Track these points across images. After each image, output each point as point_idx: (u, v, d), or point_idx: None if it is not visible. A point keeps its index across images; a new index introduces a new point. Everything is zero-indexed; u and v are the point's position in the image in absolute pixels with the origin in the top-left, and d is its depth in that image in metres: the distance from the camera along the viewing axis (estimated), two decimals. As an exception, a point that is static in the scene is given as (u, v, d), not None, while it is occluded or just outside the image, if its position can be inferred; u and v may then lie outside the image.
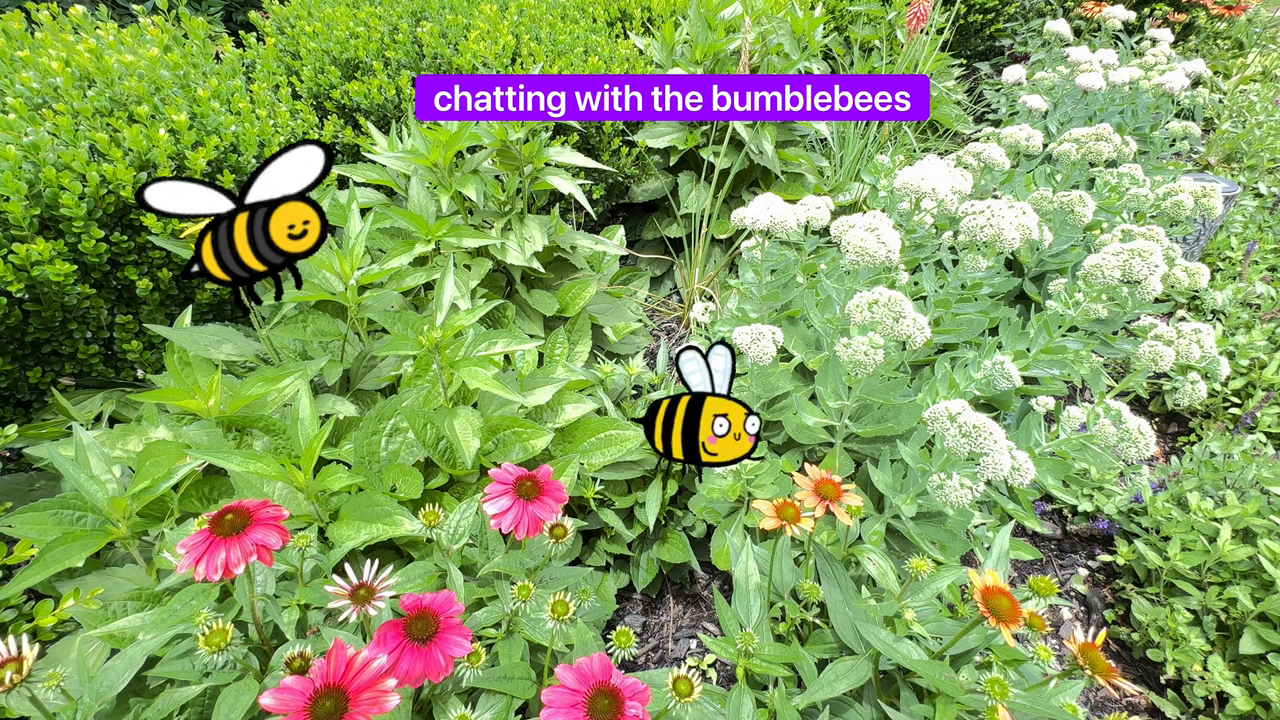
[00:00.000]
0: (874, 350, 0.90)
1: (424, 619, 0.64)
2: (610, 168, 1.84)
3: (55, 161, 1.11)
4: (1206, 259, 2.28)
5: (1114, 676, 0.67)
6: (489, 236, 1.41)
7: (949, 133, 2.75)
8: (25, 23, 1.41)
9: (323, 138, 1.55)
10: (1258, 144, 2.80)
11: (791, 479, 0.85)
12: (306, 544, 0.79)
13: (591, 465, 1.23)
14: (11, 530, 0.90)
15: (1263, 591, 1.22)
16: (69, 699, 0.67)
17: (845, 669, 0.82)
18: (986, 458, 0.82)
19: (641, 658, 1.32)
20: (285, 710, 0.54)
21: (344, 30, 1.81)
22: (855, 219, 1.10)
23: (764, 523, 0.74)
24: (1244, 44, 3.83)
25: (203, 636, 0.65)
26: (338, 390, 1.28)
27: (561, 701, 0.58)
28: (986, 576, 0.71)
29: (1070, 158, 1.47)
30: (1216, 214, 1.41)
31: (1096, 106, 1.92)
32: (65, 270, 1.10)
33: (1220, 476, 1.43)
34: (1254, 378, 1.77)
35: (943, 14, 2.81)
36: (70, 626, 0.94)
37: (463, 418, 1.06)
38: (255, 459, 0.89)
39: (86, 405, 1.28)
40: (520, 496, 0.75)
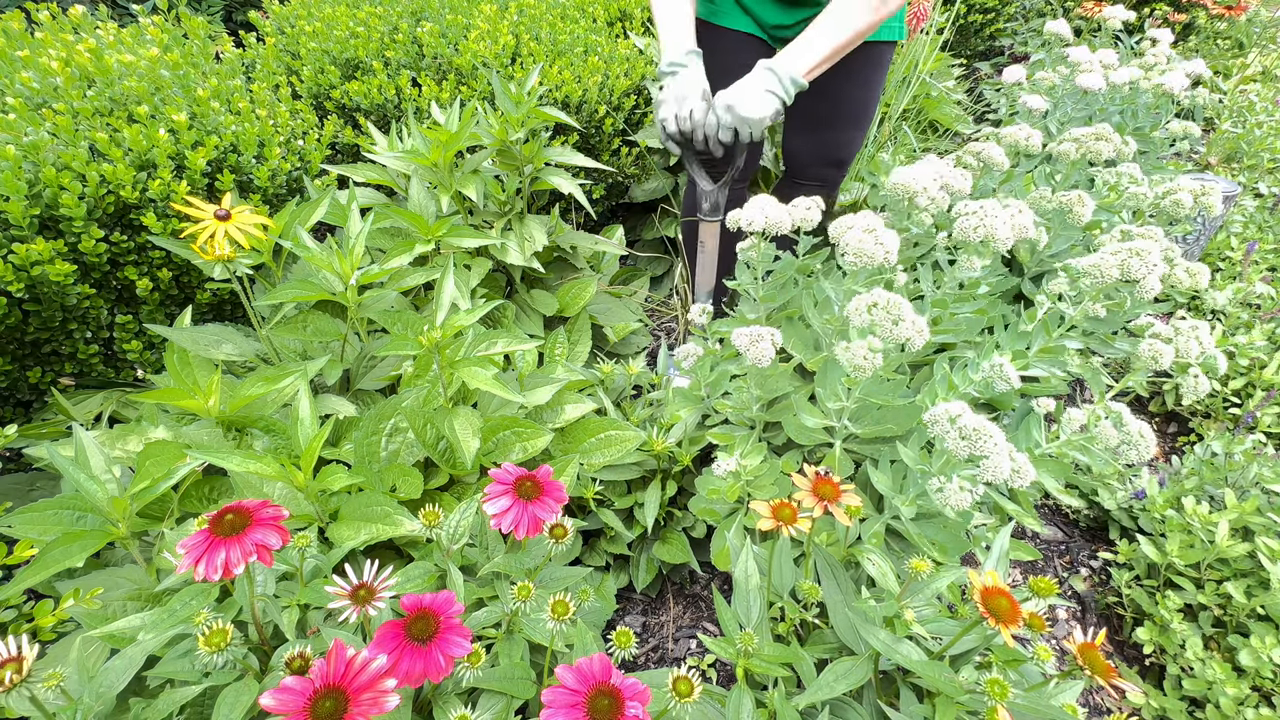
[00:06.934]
0: (873, 354, 0.90)
1: (424, 619, 0.64)
2: (610, 168, 1.84)
3: (55, 161, 1.11)
4: (1206, 259, 2.28)
5: (1114, 676, 0.67)
6: (489, 236, 1.41)
7: (949, 132, 2.75)
8: (25, 22, 1.41)
9: (323, 138, 1.55)
10: (1258, 144, 2.80)
11: (791, 480, 0.85)
12: (306, 544, 0.79)
13: (591, 465, 1.23)
14: (11, 530, 0.90)
15: (1260, 589, 1.22)
16: (69, 699, 0.67)
17: (845, 669, 0.82)
18: (987, 460, 0.82)
19: (641, 658, 1.32)
20: (285, 710, 0.54)
21: (344, 30, 1.81)
22: (853, 219, 1.10)
23: (761, 524, 0.74)
24: (1244, 44, 3.83)
25: (202, 637, 0.65)
26: (338, 390, 1.28)
27: (561, 701, 0.59)
28: (986, 577, 0.71)
29: (1069, 157, 1.47)
30: (1215, 213, 1.41)
31: (1096, 106, 1.91)
32: (65, 270, 1.10)
33: (1220, 476, 1.43)
34: (1254, 378, 1.77)
35: (943, 14, 2.80)
36: (70, 626, 0.94)
37: (463, 418, 1.06)
38: (255, 459, 0.89)
39: (86, 405, 1.28)
40: (520, 496, 0.75)
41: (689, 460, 1.29)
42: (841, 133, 1.52)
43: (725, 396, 1.28)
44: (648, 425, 1.35)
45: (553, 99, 1.75)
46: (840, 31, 1.20)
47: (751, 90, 1.21)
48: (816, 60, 1.21)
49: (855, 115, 1.50)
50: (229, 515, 0.64)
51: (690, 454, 1.29)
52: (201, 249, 1.00)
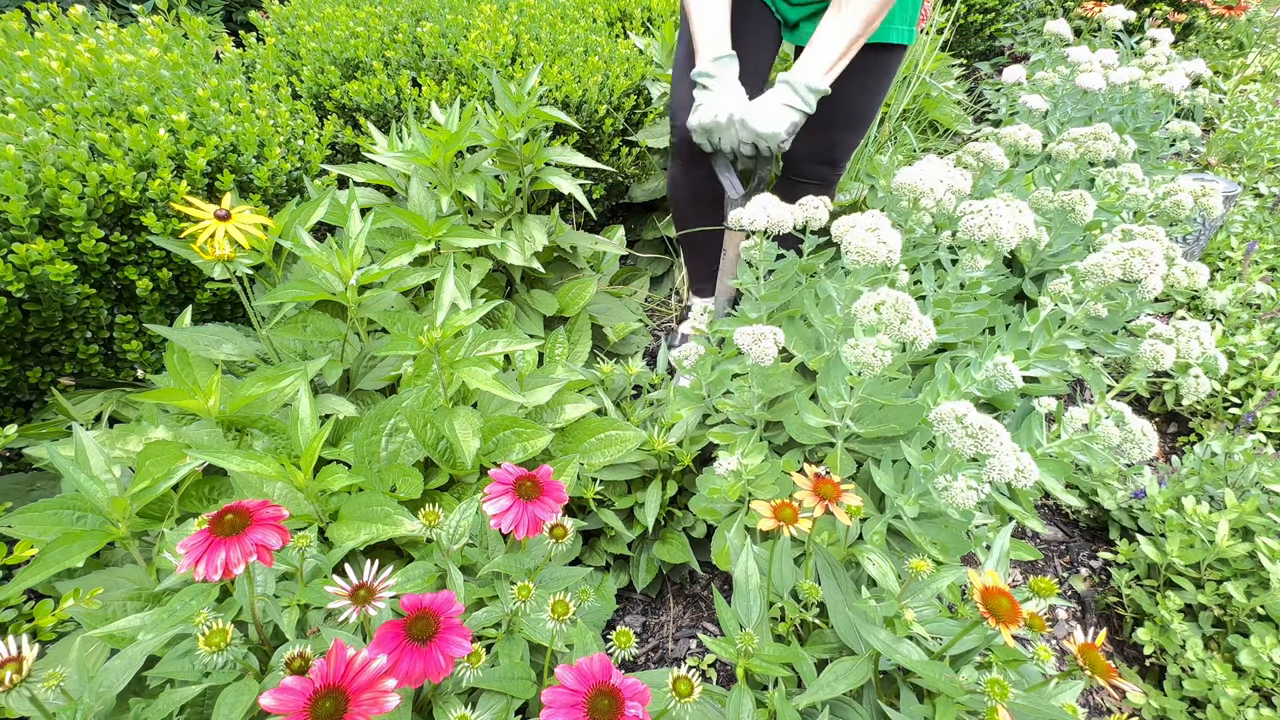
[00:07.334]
0: (882, 352, 0.90)
1: (424, 619, 0.64)
2: (610, 168, 1.84)
3: (55, 161, 1.11)
4: (1206, 259, 2.28)
5: (1114, 677, 0.66)
6: (489, 236, 1.41)
7: (949, 132, 2.75)
8: (25, 22, 1.41)
9: (323, 138, 1.55)
10: (1258, 144, 2.80)
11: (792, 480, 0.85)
12: (306, 544, 0.79)
13: (591, 465, 1.23)
14: (11, 530, 0.90)
15: (1260, 589, 1.22)
16: (69, 699, 0.67)
17: (845, 669, 0.82)
18: (992, 459, 0.82)
19: (641, 658, 1.32)
20: (285, 710, 0.54)
21: (344, 30, 1.81)
22: (856, 219, 1.10)
23: (761, 524, 0.74)
24: (1244, 44, 3.83)
25: (202, 637, 0.65)
26: (338, 390, 1.28)
27: (561, 701, 0.58)
28: (986, 577, 0.71)
29: (1069, 157, 1.47)
30: (1216, 214, 1.41)
31: (1096, 107, 1.92)
32: (65, 270, 1.10)
33: (1220, 476, 1.43)
34: (1254, 378, 1.77)
35: (943, 14, 2.80)
36: (70, 626, 0.94)
37: (463, 418, 1.06)
38: (255, 459, 0.89)
39: (86, 405, 1.28)
40: (520, 496, 0.75)
41: (689, 460, 1.29)
42: (837, 133, 1.51)
43: (726, 396, 1.27)
44: (648, 425, 1.35)
45: (553, 99, 1.75)
46: (850, 23, 1.20)
47: (765, 107, 1.24)
48: (831, 60, 1.23)
49: (853, 117, 1.49)
50: (229, 515, 0.64)
51: (691, 453, 1.29)
52: (201, 249, 1.00)
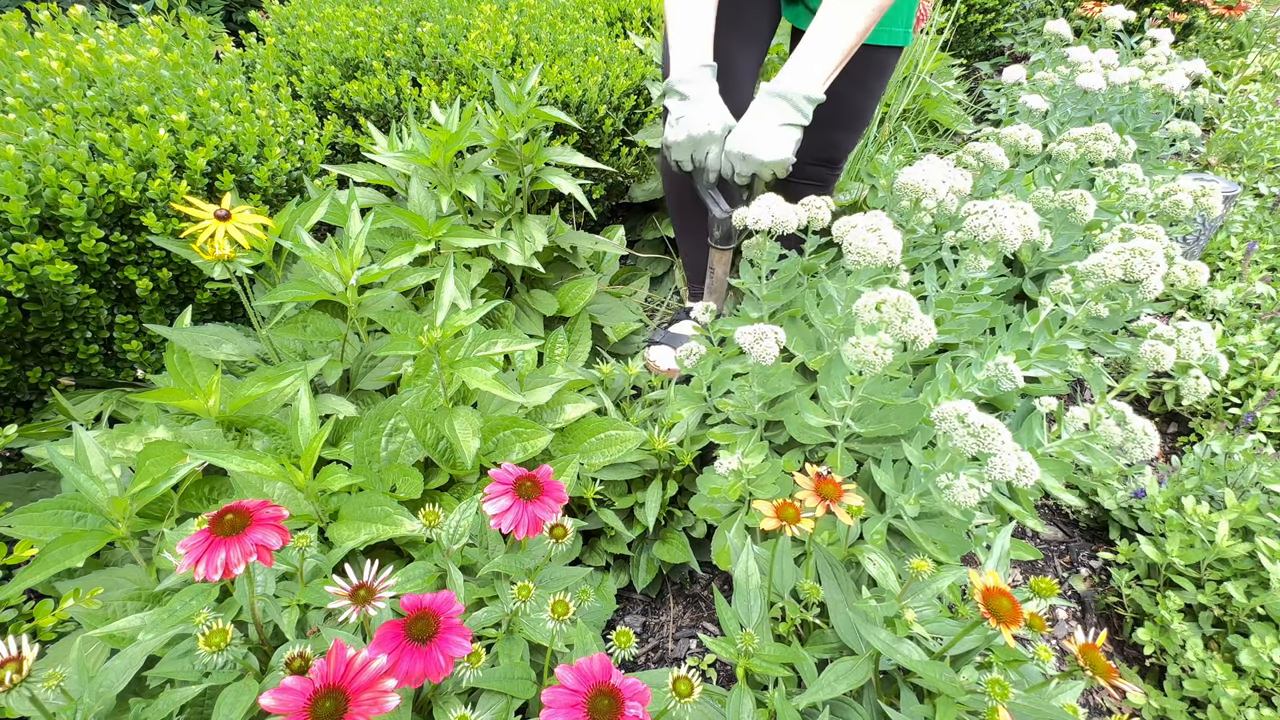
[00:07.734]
0: (883, 350, 0.90)
1: (424, 619, 0.64)
2: (610, 168, 1.84)
3: (55, 161, 1.11)
4: (1206, 259, 2.28)
5: (1114, 677, 0.66)
6: (489, 236, 1.41)
7: (949, 132, 2.75)
8: (25, 22, 1.40)
9: (323, 138, 1.55)
10: (1258, 144, 2.80)
11: (793, 479, 0.85)
12: (306, 544, 0.79)
13: (591, 465, 1.23)
14: (11, 530, 0.90)
15: (1260, 589, 1.22)
16: (69, 699, 0.66)
17: (845, 669, 0.82)
18: (994, 458, 0.82)
19: (641, 658, 1.32)
20: (285, 710, 0.54)
21: (344, 30, 1.81)
22: (857, 219, 1.10)
23: (764, 523, 0.74)
24: (1244, 44, 3.83)
25: (202, 637, 0.65)
26: (338, 390, 1.28)
27: (561, 701, 0.58)
28: (987, 577, 0.71)
29: (1069, 157, 1.47)
30: (1216, 213, 1.41)
31: (1096, 107, 1.92)
32: (65, 270, 1.10)
33: (1220, 476, 1.43)
34: (1254, 378, 1.77)
35: (943, 14, 2.80)
36: (70, 626, 0.94)
37: (463, 418, 1.06)
38: (255, 459, 0.89)
39: (86, 405, 1.28)
40: (520, 496, 0.75)
41: (690, 459, 1.29)
42: (835, 133, 1.51)
43: (727, 395, 1.27)
44: (648, 425, 1.35)
45: (553, 99, 1.75)
46: (848, 25, 1.13)
47: (764, 131, 1.14)
48: (828, 70, 1.15)
49: (850, 118, 1.49)
50: (229, 515, 0.64)
51: (691, 453, 1.29)
52: (201, 249, 1.00)
